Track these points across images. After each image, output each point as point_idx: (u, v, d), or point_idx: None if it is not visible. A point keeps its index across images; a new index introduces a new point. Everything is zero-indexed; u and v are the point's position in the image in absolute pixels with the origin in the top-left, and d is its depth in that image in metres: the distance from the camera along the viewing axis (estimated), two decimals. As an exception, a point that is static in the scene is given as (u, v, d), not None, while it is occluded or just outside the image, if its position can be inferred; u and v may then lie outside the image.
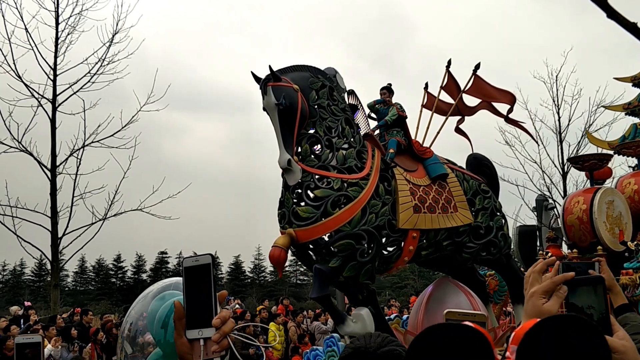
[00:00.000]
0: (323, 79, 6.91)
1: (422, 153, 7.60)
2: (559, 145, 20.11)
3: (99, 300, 40.97)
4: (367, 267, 6.43)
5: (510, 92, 8.31)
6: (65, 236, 13.29)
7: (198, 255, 1.37)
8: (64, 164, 13.41)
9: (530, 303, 1.42)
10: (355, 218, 6.31)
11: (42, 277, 47.19)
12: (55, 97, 13.47)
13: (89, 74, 13.52)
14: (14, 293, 45.29)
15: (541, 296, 1.40)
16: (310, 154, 6.48)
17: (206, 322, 1.34)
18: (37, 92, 13.25)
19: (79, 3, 13.60)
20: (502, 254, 7.76)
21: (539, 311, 1.37)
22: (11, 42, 13.05)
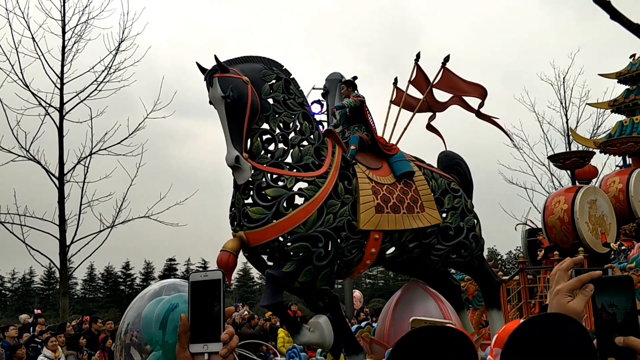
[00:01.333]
0: (278, 71, 6.60)
1: (387, 150, 7.30)
2: (567, 148, 20.05)
3: (108, 307, 41.39)
4: (324, 272, 6.10)
5: (481, 85, 8.05)
6: (73, 244, 13.61)
7: (208, 270, 1.41)
8: (72, 172, 13.78)
9: (555, 301, 1.41)
10: (311, 219, 5.99)
11: (51, 285, 48.08)
12: (63, 105, 13.74)
13: (95, 82, 13.89)
14: (23, 301, 46.35)
15: (566, 294, 1.40)
16: (262, 150, 6.16)
17: (213, 337, 1.37)
18: (45, 101, 13.55)
19: (85, 12, 14.04)
20: (473, 256, 7.47)
21: (564, 310, 1.36)
22: (18, 52, 13.52)
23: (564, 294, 1.41)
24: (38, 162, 13.28)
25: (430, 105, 8.54)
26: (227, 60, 6.37)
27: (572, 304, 1.39)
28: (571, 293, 1.41)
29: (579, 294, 1.40)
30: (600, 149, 12.36)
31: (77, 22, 14.03)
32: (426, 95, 8.40)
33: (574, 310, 1.37)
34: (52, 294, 46.23)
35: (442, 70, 8.13)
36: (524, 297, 9.63)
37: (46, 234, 13.38)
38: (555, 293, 1.43)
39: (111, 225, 13.70)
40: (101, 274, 50.91)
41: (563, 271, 1.46)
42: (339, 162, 6.59)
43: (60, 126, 13.63)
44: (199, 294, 1.40)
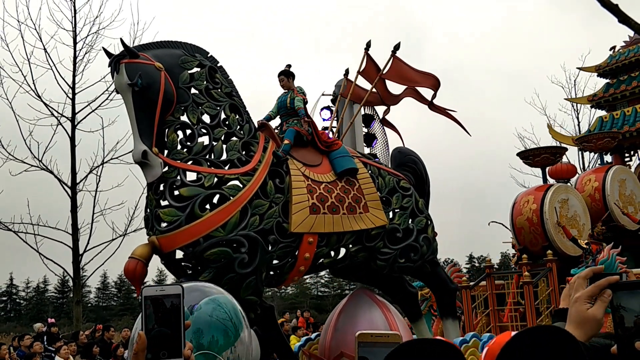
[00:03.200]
0: (202, 58, 6.11)
1: (329, 145, 6.81)
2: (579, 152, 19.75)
3: (122, 315, 42.28)
4: (249, 280, 5.59)
5: (433, 74, 7.59)
6: (86, 252, 13.79)
7: (165, 285, 1.41)
8: (84, 181, 13.96)
9: (574, 309, 1.42)
10: (232, 221, 5.49)
11: (65, 293, 49.28)
12: (74, 115, 14.03)
13: (107, 91, 13.91)
14: (37, 310, 47.39)
15: (585, 301, 1.42)
16: (178, 145, 5.64)
17: (174, 353, 1.38)
18: (57, 111, 13.86)
19: (96, 22, 14.26)
20: (425, 261, 6.99)
21: (583, 317, 1.39)
22: (30, 63, 13.73)
23: (583, 301, 1.42)
24: (51, 172, 13.59)
25: (383, 97, 8.08)
26: (139, 45, 5.89)
27: (591, 311, 1.40)
28: (590, 300, 1.42)
29: (598, 300, 1.41)
30: (577, 145, 11.95)
31: (87, 32, 14.36)
32: (375, 86, 7.93)
33: (594, 316, 1.39)
34: (66, 302, 47.24)
35: (392, 59, 7.66)
36: (492, 304, 9.15)
37: (59, 243, 13.70)
38: (574, 301, 1.44)
39: (123, 233, 13.89)
40: (114, 282, 51.50)
41: (582, 279, 1.47)
42: (270, 159, 6.10)
43: (72, 136, 13.93)
44: (156, 310, 1.38)
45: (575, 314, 1.43)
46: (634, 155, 14.13)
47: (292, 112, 6.92)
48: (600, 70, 14.02)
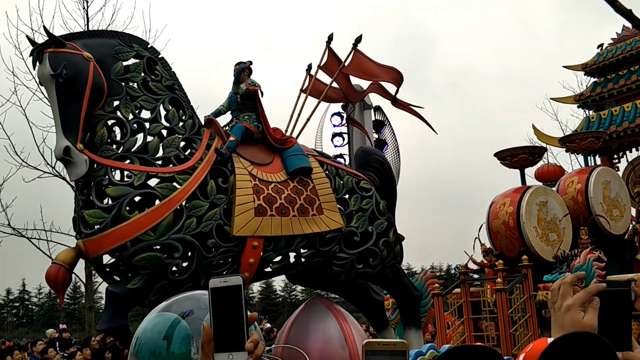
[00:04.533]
0: (139, 49, 5.76)
1: (281, 143, 6.45)
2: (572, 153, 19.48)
3: (133, 321, 42.05)
4: (185, 289, 5.20)
5: (396, 68, 7.24)
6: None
7: (227, 276, 1.40)
8: None
9: (569, 317, 1.40)
10: (164, 224, 5.14)
11: (77, 299, 49.84)
12: None
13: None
14: (49, 316, 48.26)
15: (579, 309, 1.40)
16: (108, 141, 5.27)
17: (238, 346, 1.37)
18: None
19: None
20: (385, 266, 6.63)
21: (579, 326, 1.37)
22: None
23: (577, 308, 1.40)
24: (63, 178, 13.59)
25: (346, 94, 7.73)
26: (68, 34, 5.55)
27: (587, 320, 1.38)
28: (582, 307, 1.40)
29: (589, 308, 1.39)
30: (561, 146, 11.61)
31: None
32: (338, 82, 7.56)
33: (590, 325, 1.37)
34: (77, 308, 47.77)
35: (353, 53, 7.30)
36: (466, 312, 8.79)
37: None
38: (567, 308, 1.41)
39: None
40: None
41: (568, 285, 1.45)
42: (213, 157, 5.74)
43: (83, 141, 14.08)
44: (220, 301, 1.39)
45: (570, 322, 1.39)
46: (623, 157, 13.81)
47: (243, 107, 6.57)
48: (587, 68, 13.69)
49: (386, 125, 14.85)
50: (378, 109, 14.88)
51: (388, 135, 14.88)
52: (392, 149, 14.83)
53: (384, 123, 14.90)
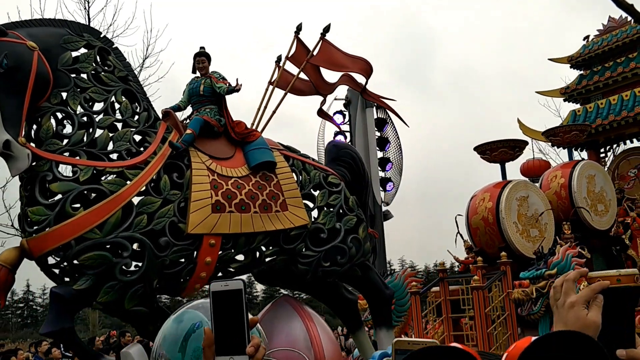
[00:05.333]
0: (91, 38, 5.52)
1: (244, 136, 6.22)
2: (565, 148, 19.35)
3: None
4: (135, 289, 5.01)
5: (364, 59, 7.04)
6: None
7: (228, 280, 1.41)
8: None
9: (572, 314, 1.40)
10: (111, 221, 4.91)
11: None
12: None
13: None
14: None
15: (583, 306, 1.40)
16: (54, 134, 5.03)
17: (238, 349, 1.40)
18: None
19: (109, 30, 14.28)
20: (354, 264, 6.42)
21: (583, 323, 1.37)
22: None
23: (581, 305, 1.40)
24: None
25: (316, 86, 7.49)
26: (12, 22, 5.30)
27: (591, 317, 1.38)
28: (586, 304, 1.40)
29: (593, 305, 1.40)
30: (545, 140, 11.43)
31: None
32: (307, 74, 7.34)
33: (594, 322, 1.37)
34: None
35: (321, 43, 7.08)
36: (445, 310, 8.59)
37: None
38: (571, 305, 1.41)
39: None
40: None
41: (571, 282, 1.45)
42: (168, 151, 5.51)
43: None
44: (221, 305, 1.40)
45: (574, 319, 1.39)
46: (610, 151, 13.65)
47: (205, 100, 6.34)
48: (573, 61, 13.50)
49: (388, 124, 14.81)
50: (380, 107, 14.85)
51: (390, 133, 14.84)
52: (395, 147, 14.76)
53: (386, 121, 14.85)
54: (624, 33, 12.75)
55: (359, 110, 14.46)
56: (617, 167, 13.20)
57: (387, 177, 14.63)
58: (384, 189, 14.50)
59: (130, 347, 5.19)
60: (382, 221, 14.39)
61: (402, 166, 14.76)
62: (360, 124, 14.39)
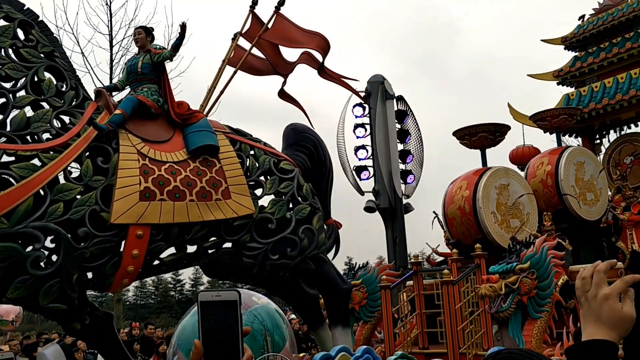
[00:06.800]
0: (10, 10, 5.14)
1: (185, 118, 5.82)
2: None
3: (160, 313, 43.41)
4: (50, 284, 4.65)
5: (321, 34, 6.62)
6: None
7: (220, 290, 1.39)
8: None
9: (607, 307, 1.36)
10: (21, 209, 4.55)
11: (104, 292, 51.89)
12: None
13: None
14: None
15: (617, 299, 1.37)
16: None
17: None
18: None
19: (131, 25, 14.52)
20: (306, 257, 6.06)
21: (619, 317, 1.35)
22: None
23: (615, 298, 1.37)
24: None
25: (273, 64, 7.07)
26: None
27: (627, 310, 1.36)
28: (619, 297, 1.38)
29: (626, 298, 1.37)
30: (533, 124, 10.97)
31: (123, 35, 14.83)
32: (265, 52, 6.92)
33: (631, 315, 1.36)
34: (105, 300, 48.40)
35: (275, 17, 6.65)
36: (419, 306, 8.21)
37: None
38: (604, 298, 1.36)
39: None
40: (152, 280, 53.36)
41: (602, 273, 1.40)
42: (93, 133, 5.12)
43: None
44: (211, 316, 1.36)
45: (609, 312, 1.35)
46: (605, 137, 13.15)
47: (143, 78, 5.95)
48: (567, 42, 12.98)
49: (409, 115, 14.56)
50: (400, 99, 14.60)
51: (411, 125, 14.60)
52: (415, 139, 14.51)
53: (406, 113, 14.59)
54: (620, 11, 12.21)
55: (379, 102, 14.27)
56: (612, 154, 12.72)
57: (408, 170, 14.39)
58: (405, 182, 14.23)
59: (47, 348, 4.85)
60: (403, 214, 14.09)
61: (422, 158, 14.51)
62: (381, 117, 14.14)
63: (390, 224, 14.19)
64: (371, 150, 14.24)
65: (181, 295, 53.07)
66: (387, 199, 14.00)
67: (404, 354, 5.36)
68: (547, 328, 6.64)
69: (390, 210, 14.05)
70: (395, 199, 14.06)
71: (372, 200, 14.11)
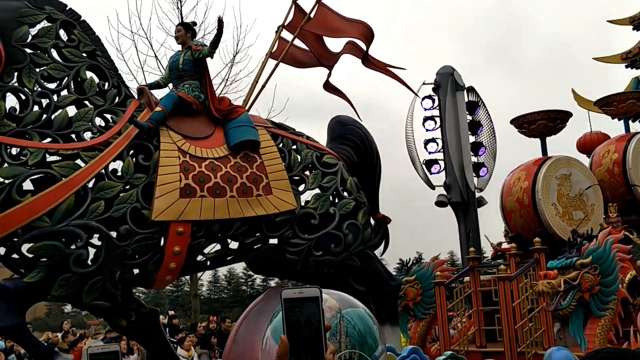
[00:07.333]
0: (53, 11, 5.24)
1: (226, 114, 5.80)
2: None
3: (232, 307, 44.76)
4: (93, 282, 4.73)
5: (364, 22, 6.43)
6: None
7: (302, 287, 1.43)
8: None
9: None
10: (62, 208, 4.63)
11: (179, 287, 52.75)
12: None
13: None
14: (155, 303, 52.93)
15: None
16: (5, 115, 4.78)
17: (317, 357, 1.41)
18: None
19: (201, 28, 14.83)
20: (351, 253, 5.91)
21: None
22: (144, 70, 14.83)
23: None
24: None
25: (317, 56, 6.96)
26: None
27: None
28: None
29: None
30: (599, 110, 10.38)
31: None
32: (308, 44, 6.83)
33: None
34: (180, 295, 50.83)
35: (318, 6, 6.53)
36: (476, 303, 7.92)
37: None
38: None
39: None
40: (224, 276, 55.25)
41: None
42: (134, 131, 5.16)
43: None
44: (294, 312, 1.43)
45: None
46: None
47: (185, 75, 5.97)
48: (636, 21, 12.25)
49: (480, 106, 14.22)
50: (471, 90, 14.25)
51: (482, 116, 14.27)
52: (487, 130, 14.18)
53: (477, 104, 14.29)
54: (696, -14, 11.41)
55: (449, 93, 13.90)
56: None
57: (480, 162, 14.05)
58: (477, 175, 13.90)
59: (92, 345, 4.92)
60: (476, 208, 13.78)
61: (495, 150, 14.12)
62: (451, 108, 13.85)
63: (463, 218, 13.78)
64: (441, 143, 13.87)
65: (252, 290, 53.67)
66: (459, 192, 13.61)
67: (454, 354, 5.14)
68: (612, 327, 6.25)
69: (463, 204, 13.65)
70: (468, 193, 13.66)
71: (443, 195, 13.77)
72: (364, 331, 3.22)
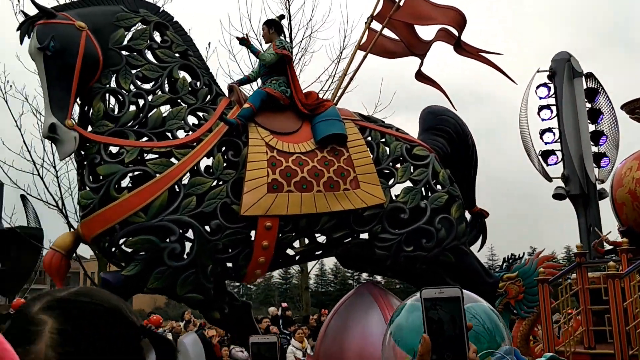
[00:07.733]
0: (147, 14, 5.50)
1: (313, 108, 5.81)
2: None
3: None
4: (186, 275, 4.92)
5: (456, 8, 6.18)
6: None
7: (442, 287, 1.47)
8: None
9: None
10: (156, 204, 4.85)
11: (287, 280, 55.58)
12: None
13: (321, 90, 14.84)
14: (265, 295, 54.25)
15: None
16: (104, 115, 5.07)
17: (459, 356, 1.42)
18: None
19: (309, 26, 15.53)
20: (444, 249, 5.75)
21: None
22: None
23: None
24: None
25: (409, 46, 6.81)
26: (65, 3, 5.42)
27: None
28: None
29: None
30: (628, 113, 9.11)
31: (302, 36, 15.64)
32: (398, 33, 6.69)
33: None
34: (289, 288, 52.95)
35: (407, -6, 6.37)
36: (583, 302, 7.44)
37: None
38: None
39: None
40: (330, 269, 56.85)
41: None
42: (224, 128, 5.30)
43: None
44: (435, 312, 1.44)
45: None
46: None
47: (272, 72, 6.02)
48: None
49: (600, 93, 13.57)
50: (590, 76, 13.69)
51: (603, 103, 13.63)
52: (609, 118, 13.50)
53: (597, 91, 13.64)
54: None
55: (566, 81, 13.38)
56: None
57: (602, 152, 13.36)
58: (598, 166, 13.23)
59: (187, 336, 5.13)
60: (597, 200, 13.14)
61: (618, 139, 13.35)
62: (568, 96, 13.27)
63: (583, 211, 13.05)
64: (559, 133, 13.22)
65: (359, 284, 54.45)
66: (579, 184, 12.89)
67: (554, 356, 4.86)
68: None
69: (583, 196, 12.93)
70: (588, 185, 12.91)
71: (561, 187, 13.11)
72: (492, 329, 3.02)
